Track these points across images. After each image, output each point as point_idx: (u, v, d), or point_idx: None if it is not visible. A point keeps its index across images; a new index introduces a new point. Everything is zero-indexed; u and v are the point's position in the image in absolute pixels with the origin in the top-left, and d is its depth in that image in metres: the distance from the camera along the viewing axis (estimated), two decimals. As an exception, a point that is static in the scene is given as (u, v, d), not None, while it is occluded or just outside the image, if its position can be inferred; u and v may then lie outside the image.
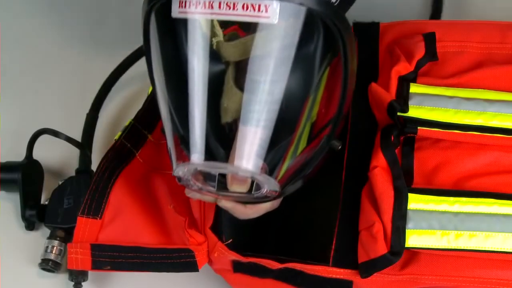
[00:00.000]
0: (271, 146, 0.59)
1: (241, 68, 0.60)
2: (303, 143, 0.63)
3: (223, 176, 0.63)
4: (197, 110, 0.59)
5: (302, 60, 0.59)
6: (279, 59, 0.58)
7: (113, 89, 0.92)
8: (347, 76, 0.61)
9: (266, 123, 0.58)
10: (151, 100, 0.81)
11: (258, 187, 0.63)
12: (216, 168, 0.61)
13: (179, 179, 0.64)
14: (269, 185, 0.62)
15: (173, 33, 0.61)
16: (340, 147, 0.64)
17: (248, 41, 0.58)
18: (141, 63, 0.91)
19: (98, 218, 0.75)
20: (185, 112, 0.60)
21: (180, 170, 0.62)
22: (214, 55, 0.60)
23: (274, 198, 0.65)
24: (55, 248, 0.81)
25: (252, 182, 0.63)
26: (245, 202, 0.66)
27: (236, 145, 0.59)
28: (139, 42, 0.90)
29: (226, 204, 0.66)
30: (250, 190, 0.63)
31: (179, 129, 0.63)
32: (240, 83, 0.60)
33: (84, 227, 0.75)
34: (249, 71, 0.58)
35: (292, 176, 0.64)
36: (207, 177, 0.63)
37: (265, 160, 0.60)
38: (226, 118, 0.61)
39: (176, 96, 0.62)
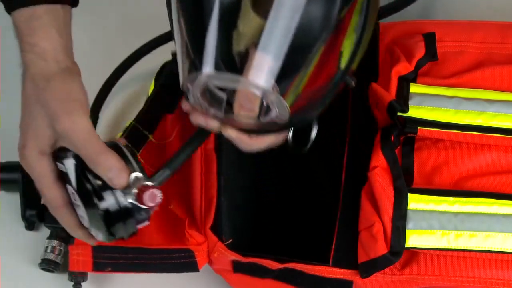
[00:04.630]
0: (284, 70, 0.58)
1: None
2: (317, 74, 0.61)
3: (230, 105, 0.61)
4: (213, 25, 0.58)
5: None
6: None
7: (114, 89, 0.92)
8: (369, 4, 0.58)
9: (283, 48, 0.57)
10: (152, 100, 0.81)
11: (267, 112, 0.60)
12: (227, 80, 0.59)
13: (187, 96, 0.61)
14: (279, 108, 0.59)
15: None
16: (354, 85, 0.62)
17: None
18: (141, 63, 0.91)
19: (99, 219, 0.75)
20: (200, 26, 0.58)
21: (189, 82, 0.59)
22: None
23: (281, 129, 0.63)
24: (55, 248, 0.81)
25: (260, 108, 0.60)
26: (250, 132, 0.64)
27: (250, 62, 0.57)
28: (139, 42, 0.91)
29: (231, 133, 0.63)
30: (258, 117, 0.61)
31: (192, 42, 0.60)
32: (257, 8, 0.58)
33: (85, 227, 0.75)
34: None
35: (303, 105, 0.61)
36: (214, 100, 0.61)
37: (277, 82, 0.58)
38: (241, 41, 0.59)
39: (193, 11, 0.60)
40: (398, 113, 0.70)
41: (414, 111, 0.70)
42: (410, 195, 0.67)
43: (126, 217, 0.62)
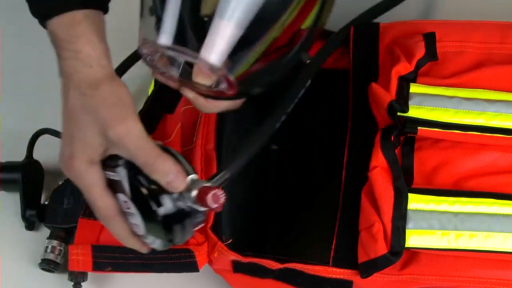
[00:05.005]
0: (240, 43, 0.57)
1: None
2: (272, 48, 0.61)
3: (190, 65, 0.61)
4: None
5: None
6: None
7: (113, 89, 0.91)
8: None
9: (241, 19, 0.56)
10: (152, 100, 0.81)
11: (217, 84, 0.61)
12: (178, 52, 0.58)
13: (145, 59, 0.61)
14: (228, 82, 0.60)
15: None
16: (308, 62, 0.62)
17: None
18: (141, 63, 0.91)
19: (99, 219, 0.75)
20: None
21: (145, 48, 0.59)
22: None
23: (231, 97, 0.63)
24: (55, 248, 0.81)
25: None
26: (205, 96, 0.64)
27: (206, 36, 0.57)
28: (139, 42, 0.91)
29: (189, 94, 0.64)
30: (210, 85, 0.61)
31: (155, 5, 0.60)
32: None
33: (85, 228, 0.75)
34: None
35: (253, 78, 0.62)
36: (172, 62, 0.61)
37: (230, 56, 0.58)
38: (204, 10, 0.58)
39: None
40: (398, 113, 0.70)
41: (414, 111, 0.70)
42: (410, 195, 0.67)
43: (185, 221, 0.60)
